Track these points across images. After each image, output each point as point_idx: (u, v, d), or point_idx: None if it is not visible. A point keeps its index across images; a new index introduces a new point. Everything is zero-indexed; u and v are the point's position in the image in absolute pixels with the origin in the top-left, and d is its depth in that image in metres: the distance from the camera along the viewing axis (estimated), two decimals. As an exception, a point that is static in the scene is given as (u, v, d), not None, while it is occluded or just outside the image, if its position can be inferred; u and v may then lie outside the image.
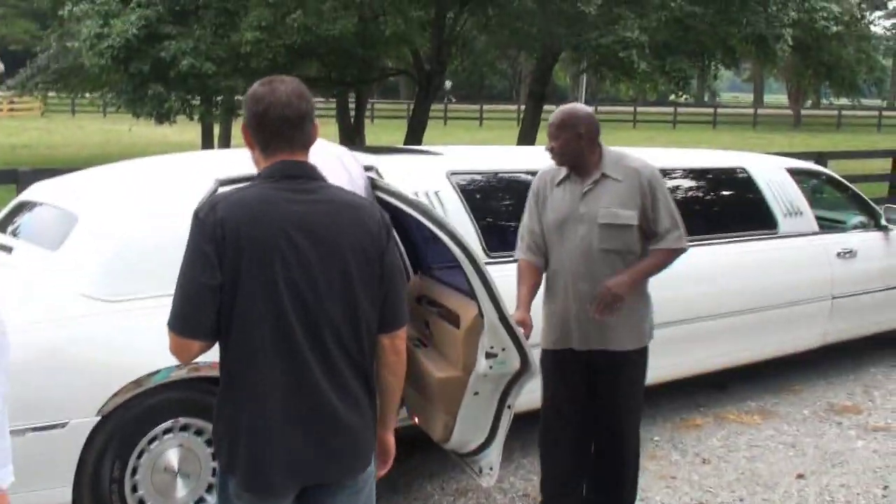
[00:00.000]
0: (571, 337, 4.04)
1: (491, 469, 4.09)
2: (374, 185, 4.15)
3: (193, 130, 23.99)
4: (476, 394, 3.85)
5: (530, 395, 4.14)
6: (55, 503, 3.76)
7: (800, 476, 5.03)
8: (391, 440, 2.83)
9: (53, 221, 4.48)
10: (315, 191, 2.52)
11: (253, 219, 2.43)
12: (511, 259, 4.46)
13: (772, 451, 5.39)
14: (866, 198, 7.18)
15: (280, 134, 2.51)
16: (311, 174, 2.55)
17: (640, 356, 4.11)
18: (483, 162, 5.52)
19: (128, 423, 3.86)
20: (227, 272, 2.41)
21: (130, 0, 14.69)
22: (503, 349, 3.71)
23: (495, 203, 5.32)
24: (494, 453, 4.07)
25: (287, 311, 2.44)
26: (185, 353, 2.48)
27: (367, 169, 4.63)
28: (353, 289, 2.51)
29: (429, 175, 4.99)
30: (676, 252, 4.00)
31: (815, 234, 6.49)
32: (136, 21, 14.13)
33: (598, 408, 4.12)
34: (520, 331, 3.74)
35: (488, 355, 3.73)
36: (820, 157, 11.71)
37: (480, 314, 3.71)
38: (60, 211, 4.50)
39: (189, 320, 2.43)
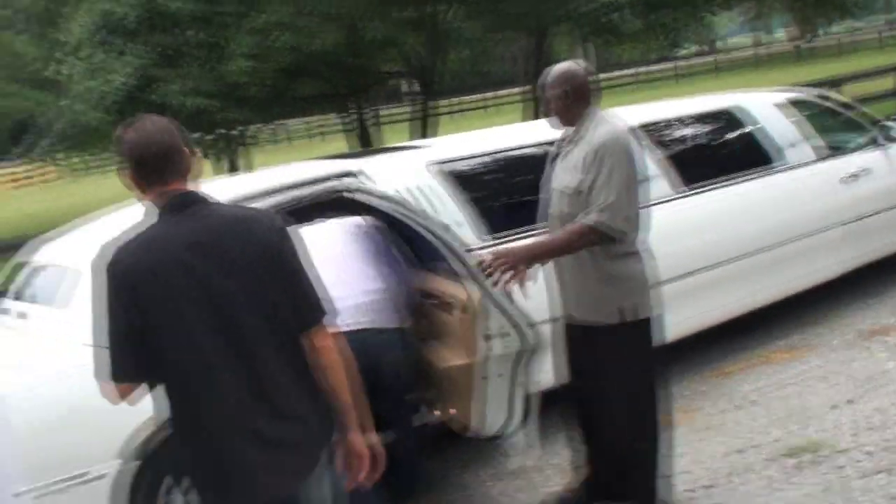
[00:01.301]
0: (559, 305, 3.99)
1: (518, 449, 4.11)
2: (354, 189, 4.20)
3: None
4: (485, 378, 3.87)
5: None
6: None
7: (834, 407, 4.99)
8: (358, 441, 2.74)
9: (59, 280, 4.54)
10: (201, 215, 2.60)
11: (150, 259, 2.54)
12: (510, 238, 4.49)
13: (803, 386, 5.35)
14: (863, 118, 7.11)
15: (155, 170, 2.59)
16: (194, 199, 2.63)
17: (615, 333, 3.81)
18: (465, 147, 5.49)
19: (166, 460, 3.83)
20: (141, 315, 2.52)
21: (124, 52, 14.82)
22: (501, 331, 3.73)
23: (484, 185, 5.26)
24: (519, 433, 4.08)
25: (203, 338, 2.53)
26: (115, 397, 2.62)
27: (353, 174, 4.64)
28: (263, 298, 2.58)
29: (408, 169, 4.99)
30: (590, 229, 3.63)
31: (816, 161, 6.44)
32: (133, 72, 14.27)
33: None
34: (515, 310, 3.74)
35: (487, 338, 3.74)
36: (833, 84, 11.57)
37: (473, 300, 3.73)
38: (64, 269, 4.56)
39: (114, 366, 2.54)
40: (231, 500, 2.61)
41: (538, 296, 3.95)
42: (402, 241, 4.53)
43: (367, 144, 21.29)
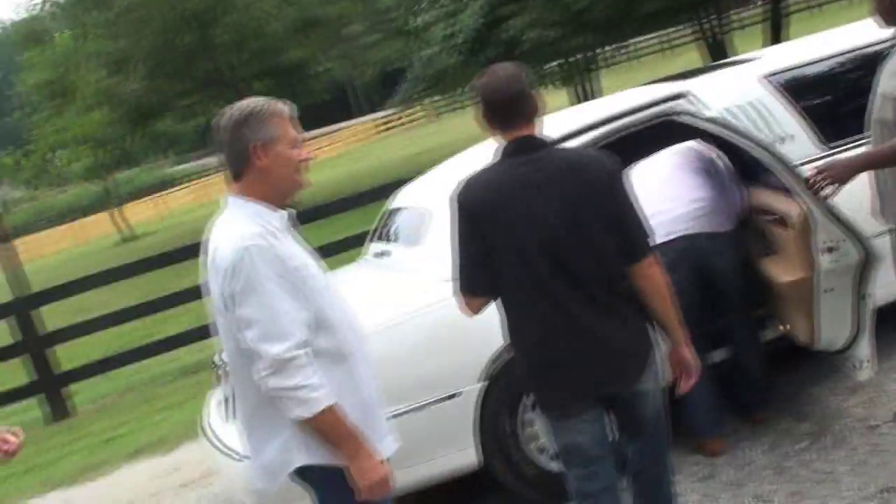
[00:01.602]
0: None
1: (866, 362, 4.01)
2: (681, 112, 4.25)
3: (558, 98, 24.29)
4: (826, 290, 3.82)
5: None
6: (463, 465, 4.21)
7: None
8: (684, 353, 3.05)
9: (415, 220, 5.00)
10: (538, 159, 2.94)
11: (490, 194, 2.94)
12: (854, 144, 4.31)
13: None
14: None
15: (504, 114, 2.95)
16: (534, 144, 2.94)
17: None
18: (798, 56, 5.22)
19: (513, 381, 4.07)
20: (482, 241, 2.93)
21: None
22: (839, 242, 3.66)
23: (819, 93, 5.01)
24: (865, 345, 3.98)
25: (536, 261, 2.87)
26: (469, 308, 3.05)
27: (682, 97, 4.65)
28: (592, 232, 2.86)
29: (739, 85, 4.88)
30: None
31: None
32: (480, 10, 14.82)
33: None
34: (851, 223, 3.64)
35: (826, 251, 3.69)
36: None
37: (806, 214, 3.68)
38: (418, 210, 5.01)
39: (465, 282, 3.03)
40: (552, 396, 2.99)
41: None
42: (731, 158, 4.51)
43: (718, 54, 20.51)
